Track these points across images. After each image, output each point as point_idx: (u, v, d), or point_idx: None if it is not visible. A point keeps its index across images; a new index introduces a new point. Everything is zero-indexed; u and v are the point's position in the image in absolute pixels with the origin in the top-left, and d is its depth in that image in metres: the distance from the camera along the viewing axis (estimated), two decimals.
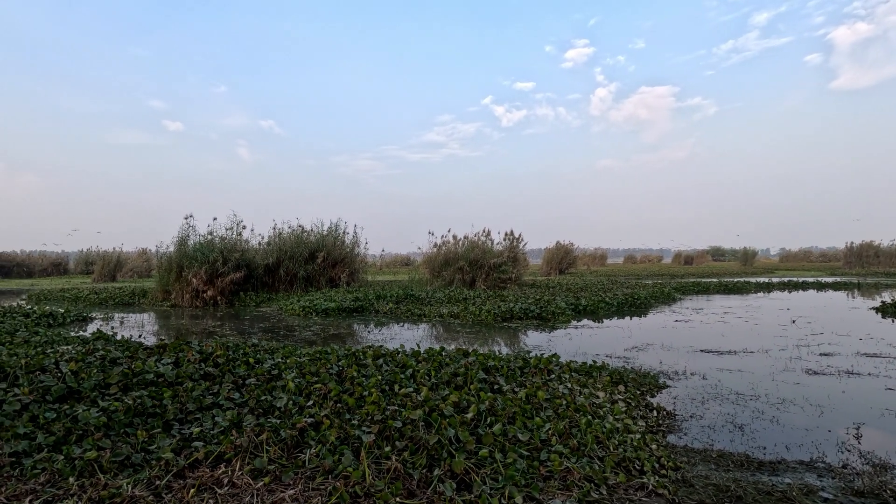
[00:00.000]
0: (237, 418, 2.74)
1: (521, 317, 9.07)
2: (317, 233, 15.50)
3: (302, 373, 3.80)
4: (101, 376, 3.30)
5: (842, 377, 4.65)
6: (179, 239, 13.65)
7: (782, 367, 5.07)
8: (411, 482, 2.10)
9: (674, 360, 5.49)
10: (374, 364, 4.13)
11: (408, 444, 2.39)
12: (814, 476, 2.54)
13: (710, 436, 3.16)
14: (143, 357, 4.03)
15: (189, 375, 3.61)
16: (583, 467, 2.35)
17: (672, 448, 2.94)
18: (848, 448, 2.94)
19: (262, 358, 4.39)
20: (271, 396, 3.19)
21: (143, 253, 28.91)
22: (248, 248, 14.54)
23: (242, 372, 3.78)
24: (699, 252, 43.77)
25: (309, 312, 10.20)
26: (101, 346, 4.70)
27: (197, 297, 12.61)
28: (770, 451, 2.89)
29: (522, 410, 2.96)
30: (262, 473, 2.13)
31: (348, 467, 2.13)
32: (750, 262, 36.30)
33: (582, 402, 3.32)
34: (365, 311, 10.51)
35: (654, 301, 12.12)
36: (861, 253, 31.04)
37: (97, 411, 2.69)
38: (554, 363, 4.46)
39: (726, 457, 2.78)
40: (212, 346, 4.57)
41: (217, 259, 12.88)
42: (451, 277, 15.08)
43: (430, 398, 3.00)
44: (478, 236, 16.03)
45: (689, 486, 2.38)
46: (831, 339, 6.78)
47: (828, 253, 43.79)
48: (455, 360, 4.29)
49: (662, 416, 3.55)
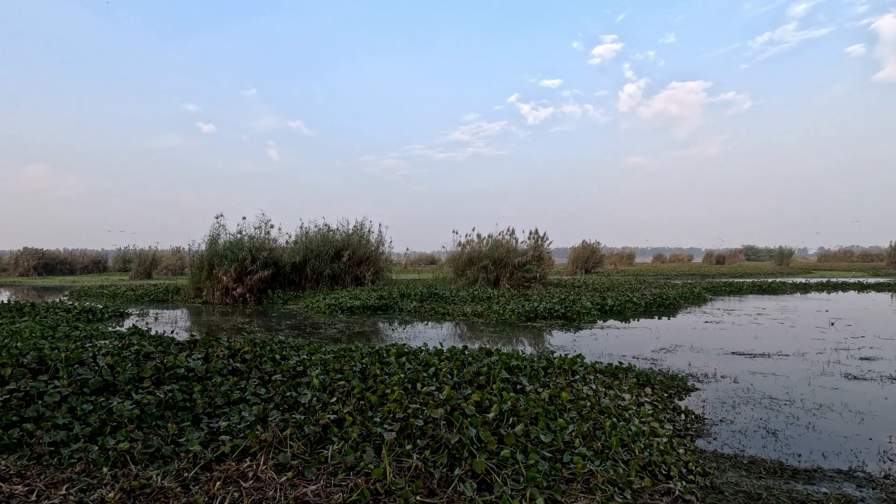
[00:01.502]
0: (263, 413, 2.80)
1: (546, 316, 8.97)
2: (342, 231, 15.70)
3: (326, 370, 3.85)
4: (135, 370, 3.42)
5: (884, 383, 4.44)
6: (210, 238, 14.03)
7: (819, 372, 4.86)
8: (432, 481, 2.10)
9: (703, 362, 5.34)
10: (397, 362, 4.16)
11: (429, 443, 2.39)
12: (852, 486, 2.42)
13: (741, 441, 3.06)
14: (174, 352, 4.16)
15: (218, 371, 3.71)
16: (606, 470, 2.31)
17: (700, 453, 2.86)
18: (890, 457, 2.79)
19: (287, 354, 4.48)
20: (296, 392, 3.24)
21: (176, 251, 29.87)
22: (276, 246, 14.83)
23: (269, 368, 3.86)
24: (732, 251, 42.44)
25: (334, 310, 10.34)
26: (135, 340, 4.87)
27: (227, 294, 12.94)
28: (805, 459, 2.78)
29: (545, 411, 2.93)
30: (285, 468, 2.17)
31: (370, 464, 2.14)
32: (786, 261, 34.97)
33: (607, 403, 3.26)
34: (389, 309, 10.59)
35: (683, 301, 11.82)
36: None
37: (131, 404, 2.79)
38: (578, 364, 4.40)
39: (758, 463, 2.69)
40: (240, 343, 4.69)
41: (246, 257, 13.18)
42: (475, 276, 15.04)
43: (452, 397, 3.00)
44: (502, 235, 15.94)
45: (719, 492, 2.31)
46: (873, 342, 6.47)
47: (871, 252, 41.83)
48: (478, 360, 4.28)
49: (691, 419, 3.45)
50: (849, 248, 43.41)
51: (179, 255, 29.27)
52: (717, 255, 41.70)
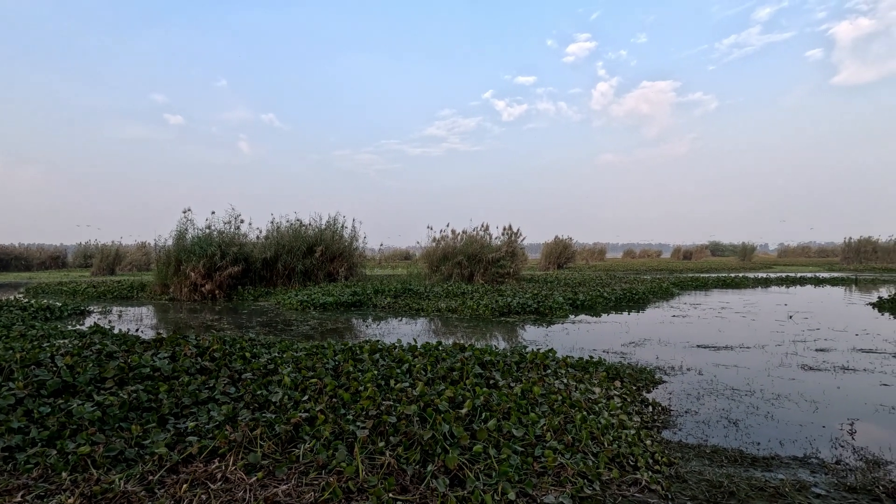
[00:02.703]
0: (232, 413, 2.75)
1: (519, 311, 9.08)
2: (315, 227, 15.48)
3: (298, 368, 3.80)
4: (96, 370, 3.30)
5: (837, 373, 4.67)
6: (178, 233, 13.62)
7: (778, 363, 5.08)
8: (404, 478, 2.10)
9: (670, 355, 5.50)
10: (371, 359, 4.14)
11: (402, 440, 2.40)
12: (807, 472, 2.54)
13: (705, 431, 3.17)
14: (139, 351, 4.03)
15: (185, 370, 3.61)
16: (577, 463, 2.36)
17: (666, 444, 2.95)
18: (842, 444, 2.95)
19: (258, 352, 4.40)
20: (267, 391, 3.19)
21: (142, 246, 28.89)
22: (246, 242, 14.52)
23: (239, 366, 3.78)
24: (698, 247, 43.78)
25: (307, 307, 10.20)
26: (97, 339, 4.70)
27: (195, 290, 12.60)
28: (764, 447, 2.90)
29: (518, 406, 2.97)
30: (255, 468, 2.13)
31: (342, 462, 2.13)
32: (748, 257, 36.32)
33: (577, 397, 3.33)
34: (363, 305, 10.51)
35: (652, 296, 12.13)
36: (859, 248, 31.08)
37: (92, 406, 2.69)
38: (550, 358, 4.47)
39: (720, 452, 2.79)
40: (209, 341, 4.57)
41: (215, 253, 12.86)
42: (450, 272, 15.07)
43: (426, 393, 3.01)
44: (476, 231, 16.01)
45: (683, 481, 2.39)
46: (827, 334, 6.79)
47: (826, 248, 43.87)
48: (451, 355, 4.30)
49: (658, 411, 3.55)
50: (806, 245, 45.40)
51: (145, 251, 28.32)
52: (684, 250, 42.94)
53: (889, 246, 30.38)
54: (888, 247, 30.35)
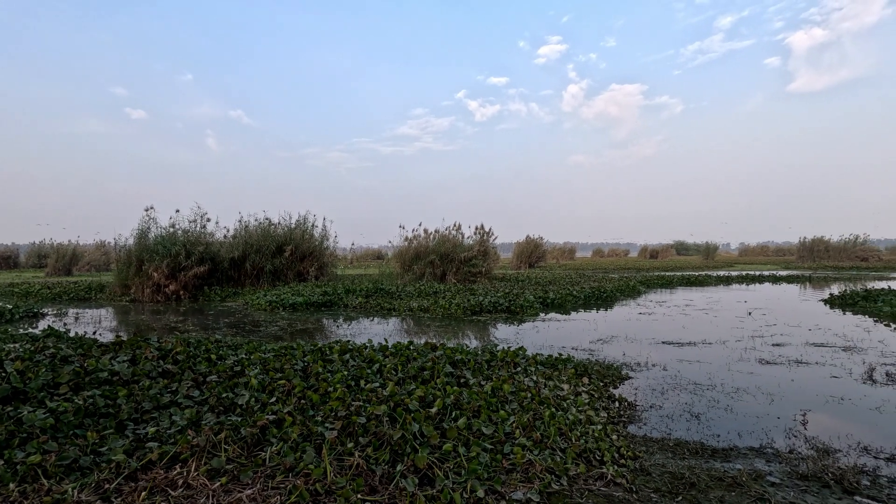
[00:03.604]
0: (196, 417, 2.67)
1: (491, 310, 9.14)
2: (284, 226, 15.21)
3: (266, 369, 3.72)
4: (49, 375, 3.15)
5: (791, 366, 4.88)
6: (140, 231, 13.14)
7: (738, 358, 5.28)
8: (373, 478, 2.09)
9: (637, 351, 5.64)
10: (341, 359, 4.09)
11: (371, 440, 2.38)
12: (762, 462, 2.65)
13: (669, 425, 3.27)
14: (97, 355, 3.87)
15: (146, 373, 3.49)
16: (545, 459, 2.39)
17: (632, 438, 3.02)
18: (795, 434, 3.08)
19: (224, 354, 4.28)
20: (233, 394, 3.11)
21: (100, 246, 27.75)
22: (213, 241, 14.14)
23: (203, 369, 3.67)
24: (664, 246, 45.08)
25: (276, 307, 10.01)
26: (51, 343, 4.48)
27: (158, 291, 12.18)
28: (723, 439, 3.01)
29: (488, 404, 2.99)
30: (219, 473, 2.08)
31: (310, 465, 2.10)
32: (711, 256, 37.62)
33: (546, 394, 3.38)
34: (334, 305, 10.38)
35: (619, 294, 12.41)
36: (813, 248, 32.62)
37: (44, 412, 2.57)
38: (520, 356, 4.51)
39: (682, 445, 2.88)
40: (172, 343, 4.43)
41: (180, 252, 12.47)
42: (422, 271, 15.05)
43: (396, 393, 2.99)
44: (449, 230, 16.04)
45: (647, 474, 2.45)
46: (783, 330, 7.10)
47: (783, 248, 45.89)
48: (423, 355, 4.29)
49: (624, 406, 3.64)
50: (765, 244, 47.38)
51: (104, 250, 27.21)
52: (650, 249, 44.13)
53: (840, 245, 32.01)
54: (839, 246, 31.97)
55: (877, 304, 9.27)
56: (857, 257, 30.98)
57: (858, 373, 4.57)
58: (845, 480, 2.36)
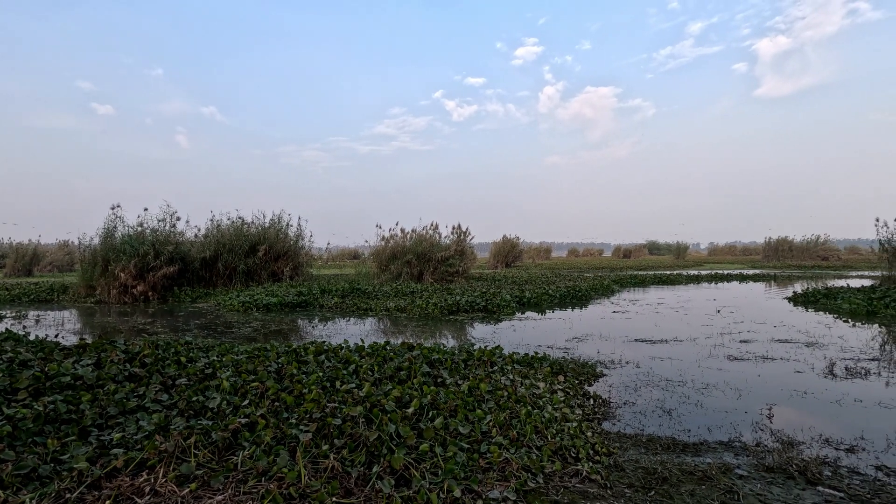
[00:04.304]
0: (164, 421, 2.58)
1: (468, 310, 9.16)
2: (258, 225, 14.92)
3: (238, 371, 3.63)
4: (7, 381, 3.00)
5: (758, 362, 5.04)
6: (105, 230, 12.68)
7: (707, 354, 5.42)
8: (349, 480, 2.06)
9: (611, 349, 5.73)
10: (316, 360, 4.03)
11: (347, 442, 2.35)
12: (731, 455, 2.73)
13: (642, 421, 3.33)
14: (58, 359, 3.71)
15: (112, 377, 3.36)
16: (521, 457, 2.40)
17: (606, 434, 3.07)
18: (761, 427, 3.18)
19: (195, 356, 4.17)
20: (204, 397, 3.03)
21: (63, 245, 26.69)
22: (184, 240, 13.76)
23: (173, 372, 3.57)
24: (637, 246, 46.01)
25: (249, 308, 9.81)
26: (9, 347, 4.28)
27: (125, 292, 11.79)
28: (694, 434, 3.08)
29: (465, 403, 2.99)
30: (188, 479, 2.02)
31: (283, 468, 2.06)
32: (682, 255, 38.59)
33: (523, 392, 3.40)
34: (309, 305, 10.24)
35: (594, 293, 12.61)
36: (777, 247, 33.83)
37: (1, 419, 2.45)
38: (497, 355, 4.53)
39: (655, 441, 2.94)
40: (139, 345, 4.29)
41: (148, 252, 12.09)
42: (399, 271, 14.98)
43: (372, 394, 2.96)
44: (426, 230, 16.01)
45: (621, 470, 2.49)
46: (750, 327, 7.33)
47: (750, 247, 47.42)
48: (399, 355, 4.26)
49: (598, 403, 3.69)
50: (733, 244, 48.88)
51: (68, 250, 26.19)
52: (624, 249, 45.01)
53: (802, 245, 33.28)
54: (802, 246, 33.23)
55: (836, 302, 9.66)
56: (818, 256, 32.26)
57: (820, 368, 4.75)
58: (808, 472, 2.45)
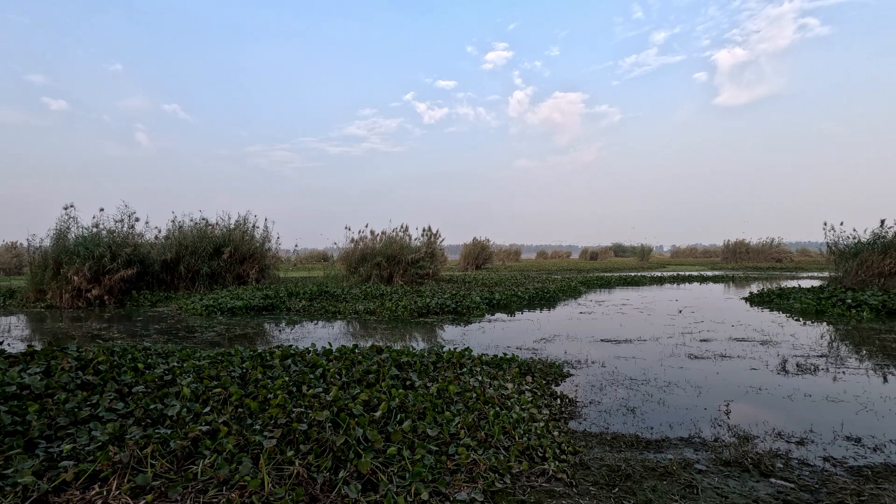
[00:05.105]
0: (119, 431, 2.48)
1: (438, 312, 9.16)
2: (223, 226, 14.53)
3: (200, 377, 3.52)
4: None
5: (717, 360, 5.23)
6: (58, 231, 12.07)
7: (669, 353, 5.59)
8: (314, 487, 2.02)
9: (577, 349, 5.84)
10: (282, 365, 3.95)
11: (313, 447, 2.30)
12: (691, 451, 2.82)
13: (607, 420, 3.40)
14: (3, 367, 3.50)
15: (62, 386, 3.20)
16: (489, 458, 2.41)
17: (572, 433, 3.12)
18: (719, 423, 3.30)
19: (153, 363, 4.02)
20: (162, 404, 2.92)
21: (11, 247, 25.27)
22: (143, 242, 13.25)
23: (129, 379, 3.42)
24: (603, 248, 47.10)
25: (213, 311, 9.52)
26: None
27: (79, 296, 11.25)
28: (656, 431, 3.17)
29: (433, 405, 2.98)
30: (144, 491, 1.94)
31: (246, 476, 2.00)
32: (646, 257, 39.74)
33: (491, 394, 3.42)
34: (276, 309, 10.02)
35: (562, 295, 12.83)
36: (735, 249, 35.27)
37: None
38: (466, 357, 4.55)
39: (619, 438, 3.01)
40: (93, 352, 4.10)
41: (104, 254, 11.57)
42: (369, 273, 14.85)
43: (340, 398, 2.92)
44: (396, 232, 15.93)
45: (586, 468, 2.54)
46: (710, 326, 7.61)
47: (710, 249, 49.21)
48: (368, 358, 4.22)
49: (565, 403, 3.75)
50: (694, 246, 50.66)
51: (15, 252, 24.80)
52: (591, 251, 45.99)
53: (758, 248, 34.80)
54: (758, 248, 34.76)
55: (789, 302, 10.15)
56: (773, 258, 33.80)
57: (774, 365, 4.98)
58: (762, 464, 2.55)
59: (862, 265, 11.55)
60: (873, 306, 8.68)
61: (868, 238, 12.04)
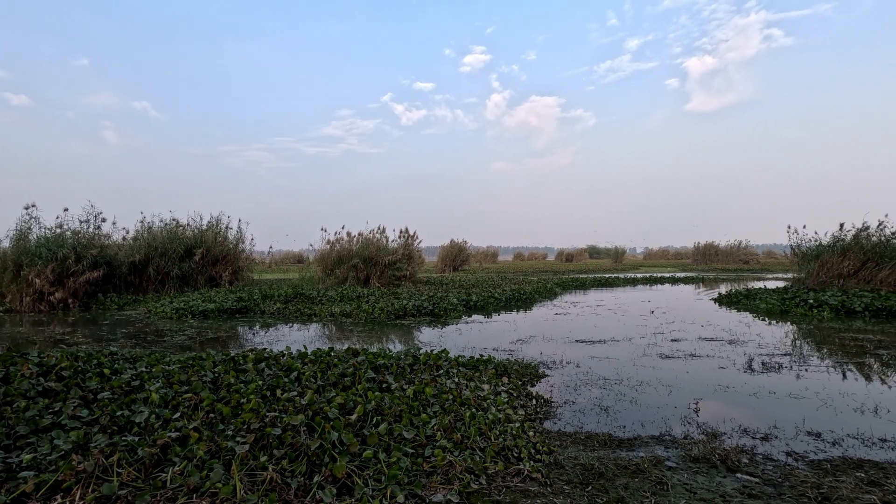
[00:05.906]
0: (83, 439, 2.39)
1: (415, 314, 9.14)
2: (195, 227, 14.19)
3: (169, 382, 3.43)
4: None
5: (687, 359, 5.38)
6: (18, 232, 11.60)
7: (641, 353, 5.72)
8: (288, 492, 2.00)
9: (553, 350, 5.91)
10: (255, 369, 3.88)
11: (287, 452, 2.27)
12: (662, 448, 2.89)
13: (581, 419, 3.46)
14: None
15: (22, 393, 3.07)
16: (465, 459, 2.42)
17: (547, 433, 3.16)
18: (689, 421, 3.39)
19: (120, 368, 3.89)
20: (130, 411, 2.83)
21: None
22: (110, 243, 12.83)
23: (94, 385, 3.31)
24: (578, 250, 47.86)
25: (183, 315, 9.28)
26: None
27: (41, 300, 10.81)
28: (629, 430, 3.24)
29: (410, 408, 2.98)
30: (110, 500, 1.88)
31: (217, 483, 1.96)
32: (620, 259, 40.56)
33: (468, 395, 3.43)
34: (250, 311, 9.84)
35: (538, 296, 12.96)
36: (705, 251, 36.31)
37: None
38: (443, 359, 4.55)
39: (593, 437, 3.06)
40: (55, 357, 3.94)
41: (68, 256, 11.16)
42: (345, 275, 14.71)
43: (315, 401, 2.89)
44: (373, 233, 15.85)
45: (561, 467, 2.57)
46: (681, 326, 7.81)
47: (681, 251, 50.48)
48: (344, 361, 4.19)
49: (540, 403, 3.79)
50: (666, 248, 51.91)
51: None
52: (566, 253, 46.65)
53: (727, 250, 35.90)
54: (726, 250, 35.85)
55: (755, 302, 10.50)
56: (740, 260, 34.90)
57: (740, 363, 5.14)
58: (729, 460, 2.63)
59: (823, 267, 12.04)
60: (833, 306, 9.05)
61: (828, 241, 12.57)
